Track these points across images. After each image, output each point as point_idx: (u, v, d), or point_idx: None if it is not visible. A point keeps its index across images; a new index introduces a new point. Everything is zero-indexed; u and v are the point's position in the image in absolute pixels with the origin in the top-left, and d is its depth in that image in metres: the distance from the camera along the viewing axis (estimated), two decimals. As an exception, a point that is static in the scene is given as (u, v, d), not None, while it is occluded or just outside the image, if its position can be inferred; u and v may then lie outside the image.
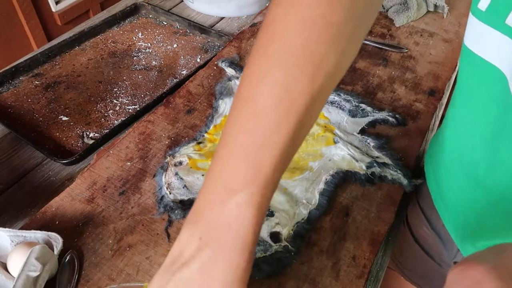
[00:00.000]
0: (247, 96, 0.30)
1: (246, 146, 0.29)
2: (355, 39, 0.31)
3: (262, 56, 0.30)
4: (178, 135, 0.60)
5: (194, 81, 0.69)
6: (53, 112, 0.68)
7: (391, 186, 0.54)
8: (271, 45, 0.30)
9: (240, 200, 0.28)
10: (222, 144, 0.30)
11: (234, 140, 0.30)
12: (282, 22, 0.30)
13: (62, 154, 0.61)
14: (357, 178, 0.54)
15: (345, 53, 0.30)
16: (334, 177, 0.53)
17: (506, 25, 0.34)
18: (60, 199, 0.52)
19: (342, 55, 0.30)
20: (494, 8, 0.34)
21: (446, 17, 0.86)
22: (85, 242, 0.48)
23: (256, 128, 0.29)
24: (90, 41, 0.83)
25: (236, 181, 0.29)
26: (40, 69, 0.76)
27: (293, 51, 0.29)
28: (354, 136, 0.59)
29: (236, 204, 0.28)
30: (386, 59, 0.75)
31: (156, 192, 0.52)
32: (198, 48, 0.82)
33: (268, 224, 0.48)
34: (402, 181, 0.54)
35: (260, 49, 0.30)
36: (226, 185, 0.29)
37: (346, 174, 0.54)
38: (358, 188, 0.54)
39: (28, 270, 0.39)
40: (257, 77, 0.30)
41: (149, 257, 0.47)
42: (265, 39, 0.31)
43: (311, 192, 0.52)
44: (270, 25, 0.31)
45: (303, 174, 0.54)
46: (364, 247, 0.49)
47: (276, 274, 0.45)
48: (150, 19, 0.89)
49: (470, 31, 0.40)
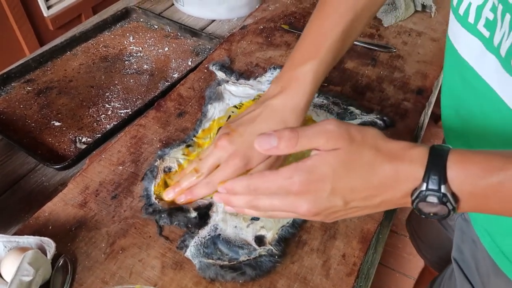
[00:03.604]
0: (319, 9, 0.52)
1: (315, 34, 0.51)
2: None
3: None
4: (170, 138, 0.60)
5: (185, 84, 0.70)
6: (45, 117, 0.68)
7: (380, 185, 0.55)
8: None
9: (306, 66, 0.49)
10: (302, 34, 0.52)
11: (308, 31, 0.52)
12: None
13: (55, 159, 0.61)
14: None
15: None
16: None
17: (477, 30, 0.39)
18: (53, 204, 0.52)
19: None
20: (469, 14, 0.40)
21: (433, 16, 0.87)
22: (78, 246, 0.48)
23: (321, 23, 0.51)
24: (82, 46, 0.83)
25: (306, 55, 0.50)
26: (31, 75, 0.76)
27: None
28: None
29: (304, 68, 0.49)
30: (374, 59, 0.76)
31: (142, 196, 0.52)
32: (189, 51, 0.83)
33: (253, 228, 0.49)
34: None
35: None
36: (300, 57, 0.50)
37: None
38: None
39: (21, 275, 0.39)
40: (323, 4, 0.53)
41: (142, 259, 0.47)
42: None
43: None
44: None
45: None
46: (354, 245, 0.50)
47: (259, 278, 0.46)
48: (141, 23, 0.90)
49: (451, 26, 0.45)
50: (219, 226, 0.49)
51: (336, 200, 0.35)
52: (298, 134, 0.35)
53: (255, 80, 0.69)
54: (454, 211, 0.33)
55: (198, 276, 0.46)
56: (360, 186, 0.35)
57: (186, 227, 0.49)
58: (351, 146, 0.34)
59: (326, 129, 0.35)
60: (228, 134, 0.47)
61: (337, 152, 0.34)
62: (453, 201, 0.32)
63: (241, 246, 0.47)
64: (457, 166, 0.32)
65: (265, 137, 0.35)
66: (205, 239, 0.47)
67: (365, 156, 0.34)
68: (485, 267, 0.52)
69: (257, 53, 0.76)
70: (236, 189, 0.38)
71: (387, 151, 0.34)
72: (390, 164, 0.34)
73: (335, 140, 0.34)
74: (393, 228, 1.37)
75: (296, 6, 0.90)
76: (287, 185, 0.35)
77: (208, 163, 0.48)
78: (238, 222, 0.49)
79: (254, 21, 0.85)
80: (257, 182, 0.37)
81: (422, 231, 0.81)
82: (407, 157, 0.34)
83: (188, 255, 0.47)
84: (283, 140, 0.35)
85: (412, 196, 0.34)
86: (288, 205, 0.36)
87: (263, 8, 0.89)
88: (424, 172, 0.32)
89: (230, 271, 0.45)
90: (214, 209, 0.50)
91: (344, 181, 0.35)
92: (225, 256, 0.46)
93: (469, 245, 0.55)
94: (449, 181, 0.32)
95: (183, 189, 0.50)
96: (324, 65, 0.50)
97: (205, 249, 0.46)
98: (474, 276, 0.54)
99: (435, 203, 0.33)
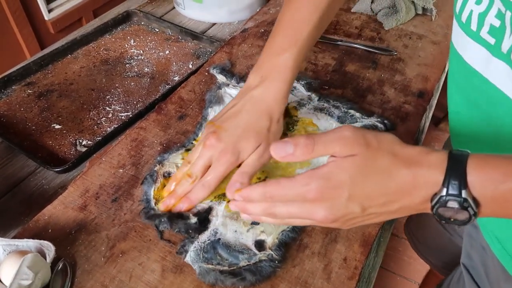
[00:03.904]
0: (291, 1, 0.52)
1: (292, 22, 0.52)
2: None
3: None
4: (170, 141, 0.60)
5: (186, 87, 0.70)
6: (46, 120, 0.68)
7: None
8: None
9: (287, 54, 0.50)
10: (277, 22, 0.52)
11: (284, 20, 0.52)
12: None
13: (55, 162, 0.61)
14: None
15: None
16: None
17: (480, 37, 0.39)
18: (52, 207, 0.52)
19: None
20: (471, 21, 0.40)
21: (434, 19, 0.87)
22: (78, 250, 0.48)
23: (297, 12, 0.51)
24: (83, 49, 0.83)
25: (285, 44, 0.50)
26: (32, 78, 0.76)
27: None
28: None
29: (284, 57, 0.50)
30: (375, 62, 0.76)
31: (142, 201, 0.52)
32: (190, 54, 0.83)
33: (253, 232, 0.48)
34: None
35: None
36: (279, 46, 0.51)
37: None
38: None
39: (20, 279, 0.39)
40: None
41: (142, 263, 0.47)
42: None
43: None
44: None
45: None
46: (355, 249, 0.49)
47: (259, 283, 0.45)
48: (142, 26, 0.90)
49: (454, 33, 0.45)
50: (219, 230, 0.48)
51: (353, 206, 0.35)
52: (314, 141, 0.35)
53: (255, 83, 0.69)
54: (475, 216, 0.33)
55: (199, 280, 0.46)
56: (377, 192, 0.34)
57: (186, 233, 0.48)
58: (367, 152, 0.34)
59: (342, 136, 0.35)
60: (215, 132, 0.48)
61: (354, 158, 0.34)
62: (474, 206, 0.32)
63: (241, 251, 0.46)
64: (477, 171, 0.32)
65: (281, 144, 0.35)
66: (204, 243, 0.47)
67: (382, 162, 0.34)
68: (495, 273, 0.51)
69: (258, 56, 0.76)
70: (252, 197, 0.38)
71: (405, 157, 0.34)
72: (408, 170, 0.33)
73: (351, 146, 0.34)
74: (394, 232, 1.37)
75: (296, 9, 0.90)
76: (303, 192, 0.35)
77: (199, 165, 0.48)
78: (238, 226, 0.49)
79: (255, 24, 0.85)
80: (273, 190, 0.37)
81: (421, 233, 0.80)
82: (425, 162, 0.33)
83: (188, 260, 0.46)
84: (299, 147, 0.35)
85: (432, 201, 0.33)
86: (305, 212, 0.36)
87: (264, 11, 0.89)
88: (444, 177, 0.32)
89: (230, 276, 0.44)
90: (214, 213, 0.50)
91: (361, 188, 0.34)
92: (225, 261, 0.46)
93: (478, 251, 0.55)
94: (469, 186, 0.32)
95: (179, 196, 0.50)
96: (303, 52, 0.51)
97: (205, 254, 0.46)
98: (484, 283, 0.54)
99: (455, 209, 0.32)
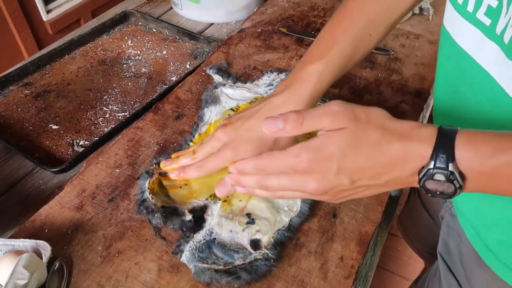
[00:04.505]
0: (334, 16, 0.53)
1: (324, 39, 0.52)
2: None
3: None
4: (167, 141, 0.60)
5: (183, 87, 0.70)
6: (43, 120, 0.68)
7: (378, 187, 0.55)
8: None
9: (311, 68, 0.49)
10: (316, 38, 0.53)
11: (320, 35, 0.52)
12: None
13: (52, 163, 0.61)
14: None
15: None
16: None
17: (476, 18, 0.39)
18: (49, 207, 0.52)
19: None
20: (468, 3, 0.40)
21: (431, 19, 0.87)
22: (74, 250, 0.48)
23: (332, 30, 0.52)
24: (80, 50, 0.83)
25: (313, 57, 0.50)
26: (29, 78, 0.76)
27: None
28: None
29: (309, 70, 0.49)
30: (372, 61, 0.76)
31: (137, 195, 0.52)
32: (188, 55, 0.83)
33: (249, 232, 0.48)
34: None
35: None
36: (307, 59, 0.51)
37: None
38: (346, 190, 0.55)
39: (16, 278, 0.39)
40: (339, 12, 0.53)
41: (138, 262, 0.47)
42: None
43: (293, 199, 0.52)
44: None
45: None
46: (351, 248, 0.49)
47: (254, 282, 0.45)
48: (140, 27, 0.90)
49: (447, 16, 0.45)
50: (214, 230, 0.48)
51: (343, 178, 0.36)
52: (303, 116, 0.35)
53: (252, 83, 0.69)
54: (460, 190, 0.34)
55: (195, 279, 0.46)
56: (367, 165, 0.35)
57: (181, 230, 0.48)
58: (357, 126, 0.35)
59: (331, 110, 0.35)
60: (226, 125, 0.49)
61: (343, 131, 0.35)
62: (460, 180, 0.33)
63: (237, 250, 0.46)
64: (465, 145, 0.33)
65: (271, 120, 0.36)
66: (200, 243, 0.47)
67: (372, 135, 0.35)
68: (468, 260, 0.53)
69: (255, 56, 0.77)
70: (246, 169, 0.39)
71: (395, 130, 0.35)
72: (398, 143, 0.34)
73: (341, 120, 0.35)
74: (392, 231, 1.36)
75: (294, 9, 0.90)
76: (294, 163, 0.36)
77: (204, 150, 0.50)
78: (234, 226, 0.49)
79: (252, 24, 0.85)
80: (265, 162, 0.38)
81: (413, 226, 0.81)
82: (415, 136, 0.34)
83: (183, 260, 0.46)
84: (288, 122, 0.36)
85: (419, 174, 0.34)
86: (296, 184, 0.37)
87: (261, 11, 0.89)
88: (432, 151, 0.33)
89: (225, 275, 0.44)
90: (209, 212, 0.50)
91: (351, 160, 0.35)
92: (220, 260, 0.46)
93: (454, 238, 0.56)
94: (457, 160, 0.33)
95: (178, 166, 0.52)
96: (330, 68, 0.49)
97: (200, 254, 0.46)
98: (458, 269, 0.55)
99: (442, 181, 0.33)
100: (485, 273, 0.49)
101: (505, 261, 0.46)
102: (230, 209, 0.51)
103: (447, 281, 0.57)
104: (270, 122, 0.36)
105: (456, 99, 0.47)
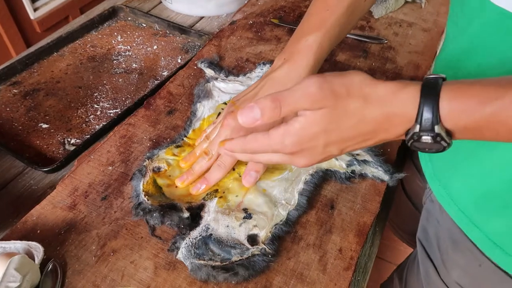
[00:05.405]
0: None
1: (319, 11, 0.51)
2: None
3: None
4: (160, 137, 0.59)
5: (175, 81, 0.69)
6: (33, 120, 0.67)
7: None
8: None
9: (310, 38, 0.49)
10: (308, 10, 0.52)
11: (312, 9, 0.52)
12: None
13: (43, 162, 0.60)
14: (337, 177, 0.54)
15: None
16: (313, 177, 0.53)
17: None
18: (41, 208, 0.51)
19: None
20: None
21: (424, 6, 0.86)
22: (67, 250, 0.47)
23: (325, 1, 0.50)
24: (69, 47, 0.81)
25: (310, 28, 0.50)
26: (18, 77, 0.75)
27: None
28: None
29: (307, 40, 0.49)
30: (366, 51, 0.75)
31: (132, 198, 0.51)
32: (179, 49, 0.81)
33: (246, 227, 0.47)
34: (383, 177, 0.54)
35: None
36: (303, 30, 0.50)
37: (326, 173, 0.54)
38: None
39: (7, 281, 0.38)
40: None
41: (134, 261, 0.46)
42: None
43: (290, 193, 0.51)
44: None
45: (282, 174, 0.53)
46: (350, 239, 0.49)
47: (252, 278, 0.45)
48: (129, 22, 0.88)
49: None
50: (211, 226, 0.47)
51: (331, 150, 0.37)
52: (280, 103, 0.35)
53: (244, 76, 0.68)
54: (449, 146, 0.33)
55: (192, 276, 0.45)
56: (352, 135, 0.36)
57: (177, 227, 0.47)
58: (337, 103, 0.34)
59: (308, 92, 0.34)
60: (233, 111, 0.48)
61: (324, 111, 0.35)
62: (447, 139, 0.33)
63: (234, 246, 0.45)
64: (451, 103, 0.32)
65: (247, 111, 0.35)
66: (196, 239, 0.46)
67: (354, 107, 0.34)
68: (445, 244, 0.53)
69: (247, 48, 0.75)
70: (235, 151, 0.41)
71: (376, 98, 0.34)
72: (380, 110, 0.34)
73: (320, 101, 0.34)
74: (390, 222, 1.37)
75: (285, 0, 0.89)
76: (279, 149, 0.37)
77: (217, 143, 0.49)
78: (230, 221, 0.48)
79: (244, 16, 0.84)
80: (252, 147, 0.39)
81: (397, 217, 0.81)
82: (398, 101, 0.33)
83: (180, 257, 0.45)
84: (266, 111, 0.35)
85: (406, 135, 0.34)
86: (286, 161, 0.39)
87: (252, 3, 0.88)
88: (417, 113, 0.32)
89: (223, 271, 0.43)
90: (206, 210, 0.49)
91: (335, 134, 0.36)
92: (217, 256, 0.45)
93: (433, 224, 0.56)
94: (442, 120, 0.32)
95: (196, 173, 0.51)
96: (328, 38, 0.50)
97: (196, 250, 0.45)
98: (435, 253, 0.55)
99: (429, 143, 0.33)
100: (460, 257, 0.50)
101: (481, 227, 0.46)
102: (227, 204, 0.50)
103: (424, 265, 0.58)
104: (246, 115, 0.35)
105: (463, 60, 0.44)
